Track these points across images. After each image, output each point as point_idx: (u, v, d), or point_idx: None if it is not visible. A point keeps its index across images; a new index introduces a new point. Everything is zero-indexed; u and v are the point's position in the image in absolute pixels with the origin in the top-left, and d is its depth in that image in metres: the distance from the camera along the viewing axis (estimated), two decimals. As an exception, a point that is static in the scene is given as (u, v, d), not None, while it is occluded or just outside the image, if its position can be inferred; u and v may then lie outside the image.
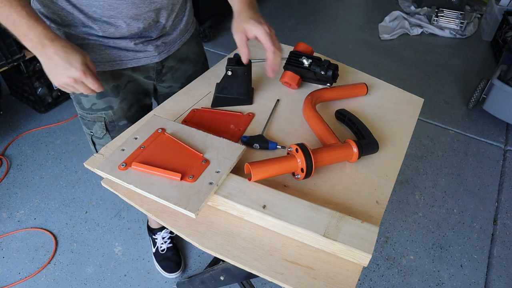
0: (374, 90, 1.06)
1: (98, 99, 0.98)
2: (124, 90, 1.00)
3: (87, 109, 1.00)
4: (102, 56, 0.91)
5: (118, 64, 0.94)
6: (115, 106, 1.00)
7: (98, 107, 0.99)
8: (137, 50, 0.94)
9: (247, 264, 0.64)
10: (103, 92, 0.96)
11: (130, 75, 0.99)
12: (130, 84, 1.01)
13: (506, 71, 2.21)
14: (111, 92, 0.98)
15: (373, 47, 3.17)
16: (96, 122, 1.02)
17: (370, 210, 0.73)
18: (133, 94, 1.03)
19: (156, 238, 1.57)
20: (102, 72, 0.94)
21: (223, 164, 0.73)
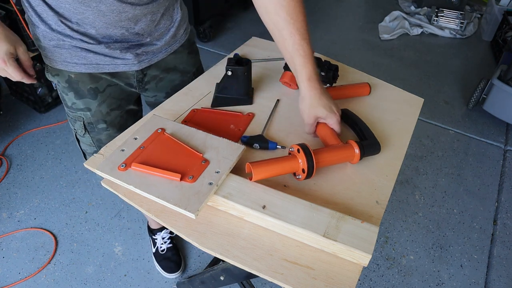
0: (374, 90, 1.06)
1: (77, 100, 0.96)
2: (103, 94, 0.97)
3: (69, 107, 1.00)
4: (79, 58, 0.89)
5: (95, 67, 0.92)
6: (93, 109, 0.98)
7: (77, 107, 0.98)
8: (115, 56, 0.92)
9: (247, 264, 0.64)
10: (81, 93, 0.96)
11: (110, 79, 0.97)
12: (110, 88, 0.98)
13: (506, 71, 2.21)
14: (88, 94, 0.96)
15: (373, 47, 3.17)
16: (77, 120, 1.01)
17: (370, 210, 0.73)
18: (114, 99, 1.01)
19: (156, 238, 1.57)
20: (79, 73, 0.92)
21: (223, 164, 0.73)
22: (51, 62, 0.92)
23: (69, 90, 0.95)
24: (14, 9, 1.87)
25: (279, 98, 1.01)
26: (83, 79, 0.93)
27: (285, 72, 1.02)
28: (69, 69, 0.91)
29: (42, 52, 0.92)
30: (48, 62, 0.93)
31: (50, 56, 0.90)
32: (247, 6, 3.62)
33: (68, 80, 0.93)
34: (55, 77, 0.95)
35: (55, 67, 0.92)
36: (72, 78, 0.93)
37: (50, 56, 0.90)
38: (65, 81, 0.94)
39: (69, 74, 0.93)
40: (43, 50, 0.91)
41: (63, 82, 0.94)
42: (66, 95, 0.97)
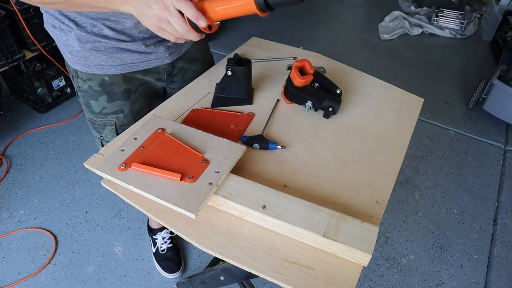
0: (374, 90, 1.06)
1: (109, 103, 0.97)
2: (135, 94, 0.99)
3: (97, 113, 0.99)
4: (114, 59, 0.90)
5: (130, 67, 0.93)
6: (125, 110, 0.99)
7: (109, 111, 0.98)
8: (149, 52, 0.93)
9: (247, 264, 0.64)
10: (114, 95, 0.96)
11: (141, 78, 0.99)
12: (141, 87, 1.00)
13: (506, 71, 2.21)
14: (122, 95, 0.97)
15: (373, 47, 3.17)
16: (107, 126, 1.01)
17: (370, 210, 0.73)
18: (144, 97, 1.02)
19: (156, 238, 1.57)
20: (113, 75, 0.93)
21: (223, 164, 0.73)
22: (84, 67, 0.91)
23: (101, 94, 0.95)
24: (14, 9, 1.87)
25: (279, 98, 1.01)
26: (117, 81, 0.94)
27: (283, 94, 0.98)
28: (104, 72, 0.92)
29: (74, 58, 0.90)
30: (79, 67, 0.92)
31: (83, 61, 0.90)
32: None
33: (102, 83, 0.93)
34: (87, 82, 0.94)
35: (89, 71, 0.92)
36: (106, 81, 0.93)
37: (84, 61, 0.90)
38: (98, 85, 0.93)
39: (103, 77, 0.93)
40: (76, 56, 0.90)
41: (96, 86, 0.94)
42: (95, 101, 0.96)
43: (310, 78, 0.91)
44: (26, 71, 2.15)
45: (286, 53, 1.21)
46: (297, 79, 0.89)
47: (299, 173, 0.79)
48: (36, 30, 2.00)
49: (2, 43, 1.90)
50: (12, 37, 1.93)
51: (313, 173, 0.80)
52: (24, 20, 1.91)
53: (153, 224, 1.59)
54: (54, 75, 2.28)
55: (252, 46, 1.25)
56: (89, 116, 1.02)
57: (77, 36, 0.86)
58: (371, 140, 0.89)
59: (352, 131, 0.91)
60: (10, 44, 1.94)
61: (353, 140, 0.89)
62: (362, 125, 0.94)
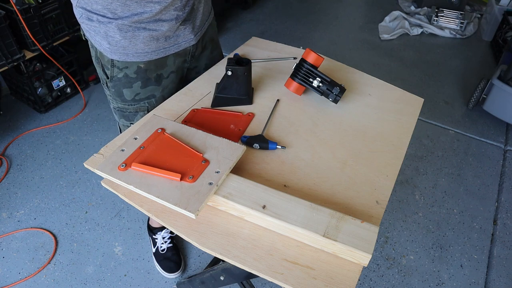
0: (374, 90, 1.06)
1: (142, 89, 1.02)
2: (166, 79, 1.04)
3: (129, 101, 1.04)
4: (150, 47, 0.95)
5: (162, 52, 0.98)
6: (157, 95, 1.04)
7: (141, 97, 1.03)
8: (178, 34, 0.98)
9: (247, 264, 0.64)
10: (148, 81, 1.01)
11: (172, 64, 1.03)
12: (173, 74, 1.05)
13: (506, 71, 2.21)
14: (155, 81, 1.02)
15: (373, 47, 3.17)
16: (139, 112, 1.06)
17: (370, 210, 0.73)
18: (173, 83, 1.08)
19: (156, 238, 1.56)
20: (148, 62, 0.98)
21: (223, 164, 0.73)
22: (122, 56, 0.96)
23: (136, 80, 1.00)
24: (14, 9, 1.87)
25: (279, 98, 1.01)
26: (151, 66, 1.00)
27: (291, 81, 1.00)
28: (141, 59, 0.97)
29: (113, 48, 0.94)
30: (117, 57, 0.96)
31: (122, 50, 0.94)
32: (247, 6, 3.62)
33: (137, 70, 0.99)
34: (123, 70, 0.99)
35: (126, 60, 0.96)
36: (141, 68, 0.99)
37: (122, 50, 0.94)
38: (134, 72, 0.99)
39: (139, 65, 0.98)
40: (115, 45, 0.94)
41: (132, 74, 0.99)
42: (129, 88, 1.01)
43: (321, 59, 0.97)
44: (26, 71, 2.15)
45: (286, 53, 1.21)
46: (313, 54, 0.95)
47: (299, 173, 0.79)
48: (36, 30, 2.00)
49: (2, 43, 1.90)
50: (12, 37, 1.93)
51: (313, 173, 0.80)
52: (24, 20, 1.91)
53: (154, 223, 1.59)
54: (54, 75, 2.28)
55: (252, 46, 1.25)
56: (120, 105, 1.06)
57: (118, 26, 0.90)
58: (371, 140, 0.89)
59: (352, 131, 0.91)
60: (10, 44, 1.94)
61: (353, 140, 0.89)
62: (362, 125, 0.94)
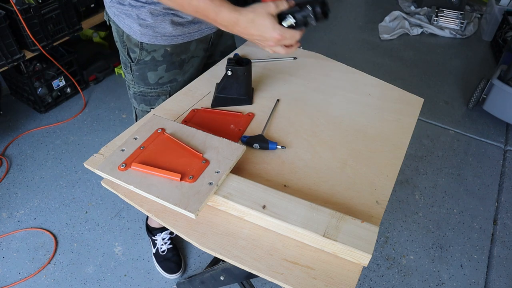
0: (374, 90, 1.06)
1: (166, 72, 1.04)
2: (188, 64, 1.07)
3: (152, 84, 1.06)
4: (177, 31, 0.97)
5: (187, 36, 1.00)
6: (179, 79, 1.07)
7: (164, 81, 1.06)
8: (201, 21, 0.97)
9: (247, 264, 0.64)
10: (172, 65, 1.04)
11: (194, 49, 1.05)
12: (193, 59, 1.08)
13: (506, 71, 2.21)
14: (178, 65, 1.05)
15: (373, 47, 3.17)
16: (161, 96, 1.08)
17: (370, 210, 0.73)
18: (193, 68, 1.10)
19: (156, 239, 1.56)
20: (174, 45, 1.00)
21: (223, 164, 0.73)
22: (151, 39, 0.97)
23: (162, 63, 1.02)
24: (14, 9, 1.87)
25: (279, 98, 1.01)
26: (176, 50, 1.02)
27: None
28: (168, 43, 0.99)
29: (143, 30, 0.96)
30: (147, 39, 0.97)
31: (151, 32, 0.96)
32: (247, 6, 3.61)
33: (164, 53, 1.01)
34: (151, 53, 1.01)
35: (155, 43, 0.98)
36: (167, 51, 1.01)
37: (152, 32, 0.96)
38: (161, 55, 1.01)
39: (166, 48, 1.00)
40: (146, 27, 0.95)
41: (159, 57, 1.01)
42: (154, 71, 1.03)
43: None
44: (26, 71, 2.15)
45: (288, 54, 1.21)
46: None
47: (299, 173, 0.79)
48: (36, 30, 2.00)
49: (2, 43, 1.90)
50: (12, 37, 1.93)
51: (313, 173, 0.80)
52: (24, 20, 1.91)
53: (153, 224, 1.58)
54: (54, 75, 2.28)
55: (252, 46, 1.25)
56: (142, 89, 1.08)
57: (150, 10, 0.92)
58: (371, 140, 0.89)
59: (352, 131, 0.91)
60: (10, 44, 1.93)
61: (353, 140, 0.89)
62: (362, 125, 0.94)
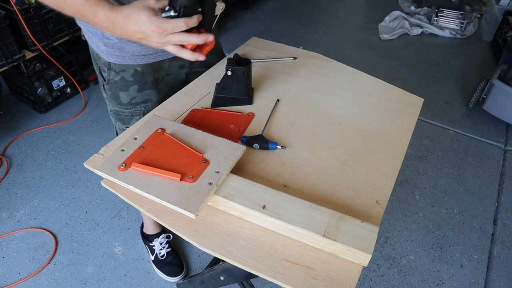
0: (374, 90, 1.06)
1: (139, 92, 1.00)
2: (162, 82, 1.03)
3: (125, 104, 1.02)
4: (146, 49, 0.93)
5: (160, 55, 0.97)
6: (153, 99, 1.03)
7: (138, 101, 1.02)
8: None
9: (247, 264, 0.64)
10: (144, 85, 0.99)
11: (168, 67, 1.02)
12: (167, 77, 1.04)
13: (506, 71, 2.21)
14: (151, 85, 1.01)
15: (373, 47, 3.17)
16: (134, 116, 1.04)
17: (370, 210, 0.73)
18: (169, 86, 1.06)
19: (154, 244, 1.55)
20: (145, 65, 0.97)
21: (223, 164, 0.73)
22: (118, 59, 0.94)
23: (133, 83, 0.99)
24: (14, 9, 1.87)
25: (279, 98, 1.01)
26: (148, 70, 0.98)
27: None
28: (137, 62, 0.95)
29: (109, 50, 0.93)
30: (114, 59, 0.95)
31: (118, 52, 0.93)
32: (247, 6, 3.62)
33: (134, 73, 0.97)
34: (119, 74, 0.97)
35: (123, 62, 0.95)
36: (138, 71, 0.97)
37: (119, 52, 0.93)
38: (131, 75, 0.98)
39: (135, 68, 0.97)
40: (112, 47, 0.92)
41: (129, 77, 0.98)
42: (125, 92, 1.00)
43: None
44: (26, 71, 2.15)
45: (286, 53, 1.21)
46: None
47: (299, 173, 0.79)
48: (36, 30, 2.00)
49: (2, 43, 1.90)
50: (12, 37, 1.93)
51: (313, 173, 0.80)
52: (24, 20, 1.91)
53: (148, 230, 1.57)
54: (54, 75, 2.28)
55: (252, 46, 1.25)
56: (116, 108, 1.05)
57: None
58: (371, 140, 0.89)
59: (352, 131, 0.91)
60: (10, 44, 1.93)
61: (353, 140, 0.89)
62: (362, 125, 0.94)
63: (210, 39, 0.75)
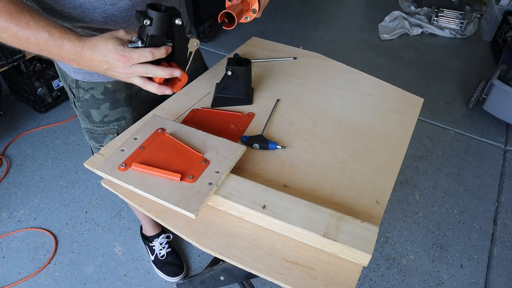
0: (374, 90, 1.06)
1: (111, 110, 0.97)
2: (136, 99, 1.00)
3: (97, 122, 0.98)
4: None
5: None
6: (127, 116, 0.99)
7: (110, 119, 0.98)
8: None
9: (247, 264, 0.64)
10: (117, 102, 0.96)
11: None
12: (141, 93, 1.00)
13: (506, 71, 2.21)
14: (124, 102, 0.97)
15: (373, 47, 3.17)
16: (108, 134, 1.01)
17: (370, 210, 0.73)
18: (144, 102, 1.03)
19: (154, 245, 1.55)
20: (116, 82, 0.93)
21: (223, 164, 0.73)
22: (86, 76, 0.91)
23: (104, 101, 0.95)
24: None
25: (279, 98, 1.01)
26: (119, 87, 0.95)
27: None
28: (107, 79, 0.92)
29: (76, 68, 0.89)
30: (81, 77, 0.91)
31: (85, 70, 0.89)
32: (247, 6, 3.61)
33: (105, 91, 0.94)
34: (89, 92, 0.94)
35: (92, 80, 0.92)
36: (109, 89, 0.94)
37: (85, 70, 0.89)
38: (101, 93, 0.94)
39: (106, 85, 0.93)
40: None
41: (99, 95, 0.94)
42: (97, 110, 0.96)
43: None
44: (26, 71, 2.15)
45: (286, 53, 1.21)
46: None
47: (299, 173, 0.79)
48: (36, 30, 2.00)
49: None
50: (12, 37, 1.93)
51: (313, 173, 0.80)
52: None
53: (148, 232, 1.57)
54: (54, 75, 2.28)
55: (252, 46, 1.25)
56: (88, 126, 1.01)
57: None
58: (371, 140, 0.89)
59: (352, 131, 0.91)
60: (10, 44, 1.93)
61: (353, 140, 0.89)
62: (362, 125, 0.94)
63: (177, 74, 0.72)
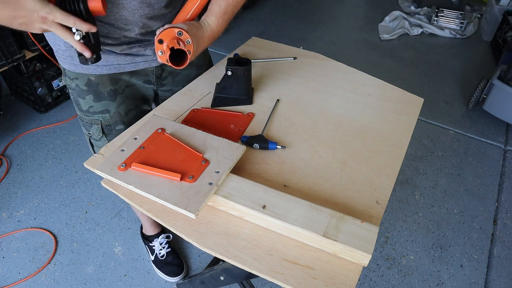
0: (374, 90, 1.06)
1: (95, 102, 0.97)
2: (122, 95, 0.99)
3: (84, 111, 0.99)
4: (102, 60, 0.90)
5: (116, 68, 0.93)
6: (112, 110, 0.99)
7: (95, 110, 0.98)
8: (135, 54, 0.93)
9: (247, 264, 0.64)
10: (100, 95, 0.96)
11: (128, 80, 0.99)
12: (128, 89, 1.00)
13: (506, 71, 2.21)
14: (108, 96, 0.97)
15: (373, 47, 3.17)
16: (93, 124, 1.01)
17: (370, 210, 0.73)
18: (132, 99, 1.02)
19: (154, 245, 1.55)
20: (99, 75, 0.93)
21: (223, 164, 0.73)
22: (71, 66, 0.92)
23: (87, 93, 0.96)
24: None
25: (279, 98, 1.01)
26: (103, 81, 0.95)
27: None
28: (90, 72, 0.92)
29: (61, 56, 0.92)
30: (67, 66, 0.93)
31: (70, 60, 0.91)
32: (247, 6, 3.62)
33: (88, 83, 0.94)
34: (74, 81, 0.95)
35: (75, 70, 0.92)
36: (92, 81, 0.94)
37: (70, 59, 0.91)
38: (85, 84, 0.94)
39: (89, 77, 0.93)
40: (63, 55, 0.91)
41: (83, 85, 0.95)
42: (82, 99, 0.97)
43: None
44: (26, 71, 2.15)
45: (286, 53, 1.21)
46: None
47: (299, 173, 0.79)
48: (36, 30, 2.00)
49: (2, 43, 1.90)
50: (12, 37, 1.93)
51: (313, 173, 0.80)
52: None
53: (148, 231, 1.57)
54: (54, 75, 2.28)
55: (252, 46, 1.25)
56: (79, 114, 1.03)
57: None
58: (371, 140, 0.89)
59: (352, 131, 0.92)
60: (10, 44, 1.93)
61: (353, 140, 0.89)
62: (362, 125, 0.94)
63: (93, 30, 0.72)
